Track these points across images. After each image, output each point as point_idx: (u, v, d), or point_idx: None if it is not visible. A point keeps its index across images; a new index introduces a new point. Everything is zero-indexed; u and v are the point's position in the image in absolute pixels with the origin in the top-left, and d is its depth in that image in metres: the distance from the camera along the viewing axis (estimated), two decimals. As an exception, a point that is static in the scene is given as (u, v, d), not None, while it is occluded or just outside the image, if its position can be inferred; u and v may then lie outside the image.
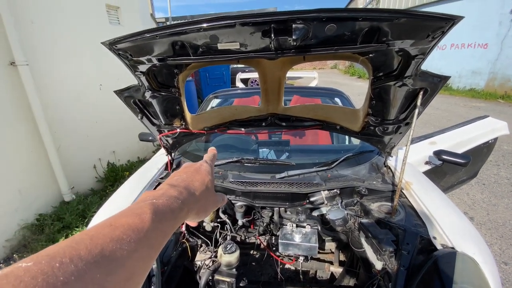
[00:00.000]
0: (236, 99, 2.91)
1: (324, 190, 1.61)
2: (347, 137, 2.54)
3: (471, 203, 3.20)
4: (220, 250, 1.35)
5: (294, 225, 1.69)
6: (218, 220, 1.63)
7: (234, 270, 1.34)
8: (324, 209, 1.68)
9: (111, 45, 0.94)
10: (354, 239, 1.59)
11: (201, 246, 1.62)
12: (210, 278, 1.34)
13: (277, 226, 1.71)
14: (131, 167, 3.72)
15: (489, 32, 9.26)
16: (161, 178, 1.78)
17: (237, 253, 1.35)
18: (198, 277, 1.34)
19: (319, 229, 1.69)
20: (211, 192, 0.53)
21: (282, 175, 1.68)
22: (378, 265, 1.31)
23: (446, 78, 1.12)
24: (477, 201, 3.23)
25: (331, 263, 1.85)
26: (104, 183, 3.39)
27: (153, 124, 1.58)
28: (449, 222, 1.31)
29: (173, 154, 1.96)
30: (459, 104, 8.40)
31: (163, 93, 1.23)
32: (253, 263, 1.91)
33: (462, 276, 1.03)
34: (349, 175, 1.71)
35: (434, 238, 1.25)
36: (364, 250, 1.45)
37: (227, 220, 1.59)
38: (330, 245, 1.90)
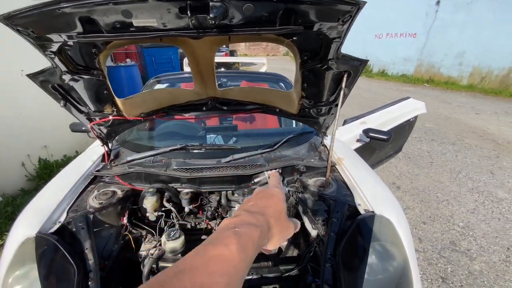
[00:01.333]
0: (182, 83, 2.80)
1: (267, 171, 1.69)
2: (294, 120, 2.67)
3: (398, 174, 3.69)
4: (163, 237, 1.34)
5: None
6: (163, 209, 1.60)
7: (180, 255, 1.35)
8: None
9: (7, 20, 0.82)
10: (295, 213, 1.72)
11: (146, 236, 1.58)
12: (155, 265, 1.33)
13: (225, 209, 1.75)
14: (67, 162, 3.35)
15: (418, 22, 10.42)
16: (97, 171, 1.66)
17: (182, 238, 1.35)
18: (142, 267, 1.32)
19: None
20: (285, 218, 0.52)
21: (228, 159, 1.70)
22: (313, 233, 1.45)
23: (365, 61, 1.24)
24: (403, 172, 3.74)
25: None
26: (36, 181, 3.00)
27: (81, 112, 1.45)
28: (371, 191, 1.50)
29: (110, 145, 1.82)
30: (392, 88, 9.41)
31: (84, 76, 1.12)
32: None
33: (379, 235, 1.21)
34: (290, 155, 1.82)
35: (359, 205, 1.43)
36: (302, 222, 1.59)
37: (172, 208, 1.57)
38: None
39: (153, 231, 1.54)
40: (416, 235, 2.56)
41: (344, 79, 1.29)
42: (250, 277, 1.50)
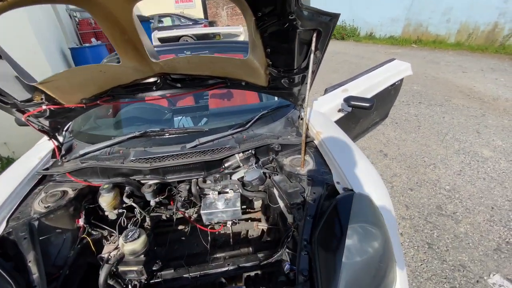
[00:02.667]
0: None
1: (238, 153, 1.52)
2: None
3: (385, 141, 3.60)
4: (120, 240, 1.19)
5: (216, 192, 1.61)
6: (124, 205, 1.43)
7: (142, 256, 1.22)
8: (243, 172, 1.62)
9: None
10: (271, 196, 1.59)
11: (109, 237, 1.43)
12: (114, 270, 1.20)
13: (198, 197, 1.61)
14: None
15: (404, -22, 9.82)
16: (46, 169, 1.46)
17: (142, 238, 1.21)
18: (100, 270, 1.18)
19: (241, 191, 1.64)
20: None
21: (193, 144, 1.52)
22: (290, 218, 1.33)
23: (336, 16, 1.03)
24: (390, 138, 3.65)
25: (259, 220, 1.88)
26: (0, 182, 2.78)
27: (5, 103, 1.21)
28: (351, 167, 1.36)
29: (60, 138, 1.61)
30: (380, 51, 9.10)
31: None
32: (182, 238, 1.83)
33: (359, 215, 1.08)
34: (264, 133, 1.65)
35: (338, 183, 1.30)
36: (279, 206, 1.47)
37: (134, 204, 1.41)
38: (258, 203, 1.90)
39: (114, 231, 1.39)
40: (403, 203, 2.52)
41: (314, 39, 1.09)
42: (226, 268, 1.41)
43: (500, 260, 1.91)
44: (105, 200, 1.34)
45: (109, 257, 1.22)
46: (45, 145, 1.65)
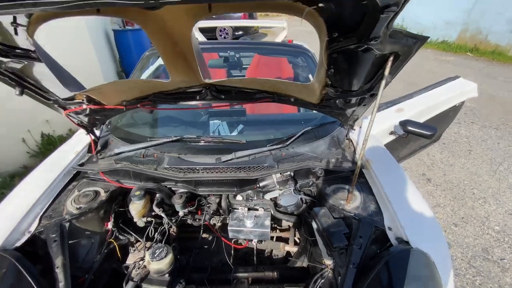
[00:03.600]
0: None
1: (275, 174, 1.40)
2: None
3: (430, 164, 3.27)
4: (147, 256, 1.13)
5: (246, 208, 1.51)
6: (153, 213, 1.38)
7: (167, 275, 1.15)
8: (277, 192, 1.50)
9: None
10: (307, 223, 1.45)
11: (134, 243, 1.39)
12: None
13: (226, 212, 1.52)
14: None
15: (468, -23, 8.79)
16: (81, 165, 1.44)
17: (169, 257, 1.14)
18: (124, 284, 1.14)
19: (272, 212, 1.53)
20: None
21: (229, 157, 1.42)
22: (327, 258, 1.20)
23: (424, 39, 0.84)
24: (435, 161, 3.31)
25: (286, 242, 1.76)
26: (40, 158, 2.92)
27: (47, 99, 1.18)
28: (407, 211, 1.18)
29: (97, 132, 1.58)
30: (430, 57, 8.33)
31: (13, 59, 0.82)
32: (205, 246, 1.77)
33: (415, 278, 0.92)
34: (305, 153, 1.50)
35: (390, 229, 1.13)
36: (315, 239, 1.33)
37: (163, 215, 1.35)
38: (287, 222, 1.77)
39: (141, 239, 1.35)
40: (445, 239, 2.25)
41: (389, 63, 0.91)
42: (250, 296, 1.31)
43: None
44: (135, 208, 1.29)
45: (135, 270, 1.18)
46: (82, 138, 1.64)
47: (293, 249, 1.70)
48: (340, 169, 1.42)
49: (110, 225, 1.32)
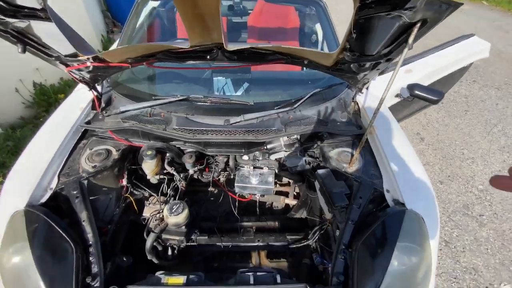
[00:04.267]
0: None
1: (282, 137, 1.43)
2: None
3: (425, 123, 3.34)
4: (165, 211, 1.23)
5: (251, 167, 1.59)
6: (165, 171, 1.45)
7: (184, 227, 1.28)
8: (282, 153, 1.56)
9: None
10: (309, 182, 1.56)
11: (148, 198, 1.49)
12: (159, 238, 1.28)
13: (233, 169, 1.60)
14: (65, 88, 3.09)
15: None
16: (87, 122, 1.44)
17: (185, 212, 1.24)
18: (145, 235, 1.27)
19: (277, 171, 1.62)
20: None
21: (238, 119, 1.43)
22: (327, 213, 1.32)
23: (457, 5, 0.80)
24: (431, 121, 3.38)
25: (286, 195, 1.90)
26: (35, 108, 2.85)
27: (49, 55, 1.11)
28: (405, 176, 1.26)
29: (99, 88, 1.53)
30: (444, 6, 7.69)
31: (22, 19, 0.76)
32: (212, 198, 1.90)
33: (406, 234, 1.05)
34: (312, 116, 1.51)
35: (388, 191, 1.23)
36: (317, 196, 1.45)
37: (175, 173, 1.42)
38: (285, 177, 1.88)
39: (155, 195, 1.44)
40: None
41: (415, 30, 0.87)
42: (256, 244, 1.49)
43: (515, 271, 1.95)
44: (148, 167, 1.35)
45: (153, 222, 1.29)
46: (84, 94, 1.59)
47: (292, 202, 1.85)
48: (346, 134, 1.46)
49: (124, 182, 1.39)
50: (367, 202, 1.21)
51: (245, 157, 1.58)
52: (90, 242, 1.10)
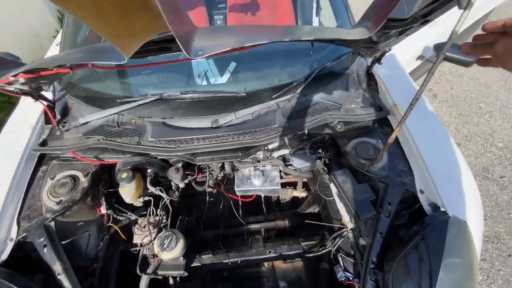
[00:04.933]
0: None
1: (286, 136, 1.16)
2: (314, 9, 1.77)
3: (437, 76, 3.01)
4: (156, 247, 1.02)
5: (252, 167, 1.35)
6: (149, 191, 1.21)
7: (182, 259, 1.08)
8: (287, 149, 1.30)
9: None
10: (322, 182, 1.33)
11: (137, 221, 1.27)
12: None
13: (231, 174, 1.37)
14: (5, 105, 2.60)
15: None
16: (42, 144, 1.15)
17: (180, 244, 1.04)
18: (138, 270, 1.08)
19: (282, 169, 1.38)
20: None
21: (227, 118, 1.14)
22: (350, 225, 1.12)
23: None
24: (444, 72, 3.04)
25: (294, 187, 1.70)
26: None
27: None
28: (442, 170, 1.03)
29: (48, 95, 1.21)
30: None
31: None
32: (212, 199, 1.70)
33: (452, 249, 0.86)
34: (320, 101, 1.21)
35: (422, 192, 1.01)
36: (333, 199, 1.23)
37: (161, 194, 1.18)
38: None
39: (142, 219, 1.22)
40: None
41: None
42: (267, 255, 1.32)
43: (540, 235, 1.85)
44: (127, 193, 1.11)
45: (147, 252, 1.10)
46: (33, 106, 1.25)
47: (301, 194, 1.64)
48: (364, 119, 1.18)
49: (103, 210, 1.16)
50: (397, 208, 1.00)
51: (244, 161, 1.33)
52: None
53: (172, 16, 0.62)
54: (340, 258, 1.17)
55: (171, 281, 1.18)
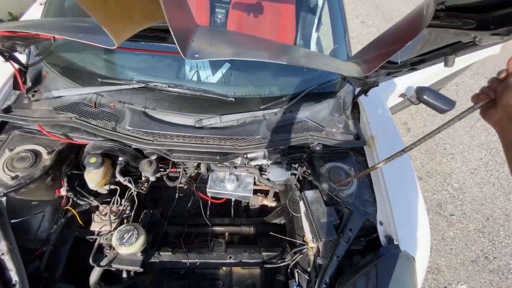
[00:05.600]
0: None
1: (267, 148, 1.18)
2: (315, 25, 1.80)
3: (414, 112, 3.21)
4: (114, 240, 0.98)
5: (227, 172, 1.35)
6: (116, 180, 1.16)
7: (140, 255, 1.06)
8: (265, 160, 1.32)
9: None
10: (292, 198, 1.37)
11: (98, 208, 1.21)
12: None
13: (205, 176, 1.36)
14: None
15: None
16: (6, 110, 1.05)
17: (141, 240, 1.01)
18: (91, 261, 1.04)
19: (257, 178, 1.40)
20: None
21: (212, 121, 1.13)
22: (312, 244, 1.17)
23: None
24: (420, 110, 3.25)
25: (265, 195, 1.72)
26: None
27: None
28: (402, 206, 1.11)
29: (22, 58, 1.11)
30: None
31: None
32: (181, 194, 1.67)
33: (398, 281, 0.93)
34: (305, 120, 1.25)
35: (381, 223, 1.08)
36: (300, 216, 1.27)
37: (129, 185, 1.14)
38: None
39: (104, 207, 1.17)
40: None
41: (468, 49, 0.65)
42: (227, 261, 1.32)
43: (473, 272, 2.05)
44: (93, 179, 1.05)
45: (103, 241, 1.05)
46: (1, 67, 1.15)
47: (270, 203, 1.67)
48: (342, 145, 1.24)
49: (63, 192, 1.09)
50: (356, 234, 1.06)
51: (220, 165, 1.32)
52: (14, 282, 0.85)
53: (173, 10, 0.60)
54: (296, 273, 1.21)
55: (124, 274, 1.14)
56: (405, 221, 1.08)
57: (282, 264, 1.27)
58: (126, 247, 0.95)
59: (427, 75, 1.70)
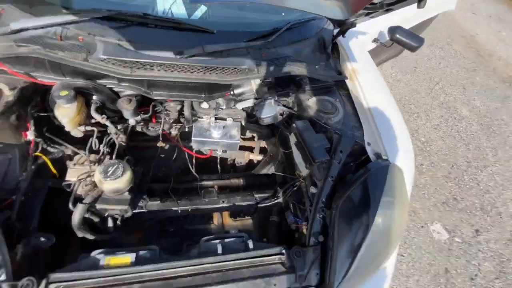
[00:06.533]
0: None
1: (254, 79, 1.15)
2: None
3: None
4: (97, 174, 0.90)
5: (213, 118, 1.31)
6: (93, 120, 1.06)
7: (127, 194, 0.98)
8: (251, 102, 1.30)
9: None
10: (282, 137, 1.37)
11: (73, 156, 1.10)
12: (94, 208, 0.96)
13: (190, 120, 1.29)
14: None
15: None
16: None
17: (127, 175, 0.93)
18: (70, 205, 0.94)
19: (243, 123, 1.37)
20: None
21: (195, 51, 1.07)
22: (304, 171, 1.18)
23: None
24: (386, 76, 3.44)
25: (251, 150, 1.70)
26: None
27: None
28: (386, 126, 1.16)
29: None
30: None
31: None
32: (162, 155, 1.58)
33: (390, 189, 0.98)
34: (289, 55, 1.24)
35: (369, 144, 1.12)
36: (291, 151, 1.28)
37: (107, 123, 1.05)
38: (254, 133, 1.66)
39: (81, 152, 1.06)
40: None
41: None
42: (220, 205, 1.29)
43: (445, 212, 2.24)
44: (66, 114, 0.94)
45: (81, 188, 0.96)
46: None
47: (257, 157, 1.66)
48: (326, 79, 1.25)
49: (30, 136, 0.97)
50: (346, 160, 1.09)
51: (205, 105, 1.27)
52: None
53: None
54: (290, 205, 1.22)
55: (110, 223, 1.05)
56: (390, 140, 1.13)
57: (276, 201, 1.27)
58: (112, 180, 0.87)
59: (396, 21, 1.78)
